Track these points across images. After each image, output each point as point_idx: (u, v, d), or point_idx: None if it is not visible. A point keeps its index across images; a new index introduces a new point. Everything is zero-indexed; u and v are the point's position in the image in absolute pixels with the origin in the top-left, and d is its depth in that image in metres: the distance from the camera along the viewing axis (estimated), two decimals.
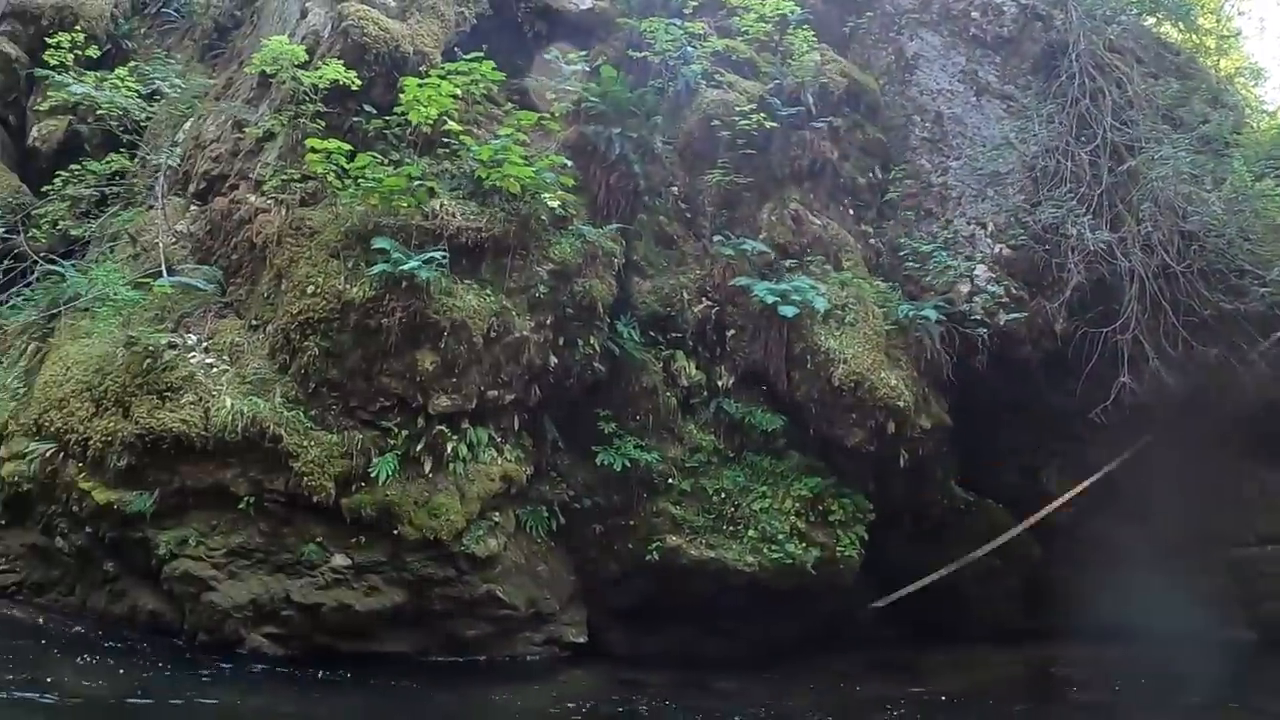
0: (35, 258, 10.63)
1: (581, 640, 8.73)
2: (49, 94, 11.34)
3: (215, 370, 8.32)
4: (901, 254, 10.14)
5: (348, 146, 8.46)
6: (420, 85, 8.59)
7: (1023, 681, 9.49)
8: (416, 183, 8.32)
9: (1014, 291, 9.96)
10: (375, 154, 8.54)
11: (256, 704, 7.06)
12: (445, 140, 8.69)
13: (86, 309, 9.09)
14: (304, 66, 9.04)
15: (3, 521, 8.89)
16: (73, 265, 9.95)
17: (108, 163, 10.58)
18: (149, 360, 8.16)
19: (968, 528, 10.36)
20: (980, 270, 9.93)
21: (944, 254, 9.91)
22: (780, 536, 8.63)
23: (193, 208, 9.69)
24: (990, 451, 10.63)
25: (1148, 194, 10.06)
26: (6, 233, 11.14)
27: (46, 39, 11.67)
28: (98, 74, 10.88)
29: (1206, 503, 10.57)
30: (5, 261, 11.13)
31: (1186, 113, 11.24)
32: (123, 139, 10.69)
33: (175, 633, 8.18)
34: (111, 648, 7.80)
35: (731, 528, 8.68)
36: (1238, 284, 10.10)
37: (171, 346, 8.34)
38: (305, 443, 7.87)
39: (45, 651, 7.61)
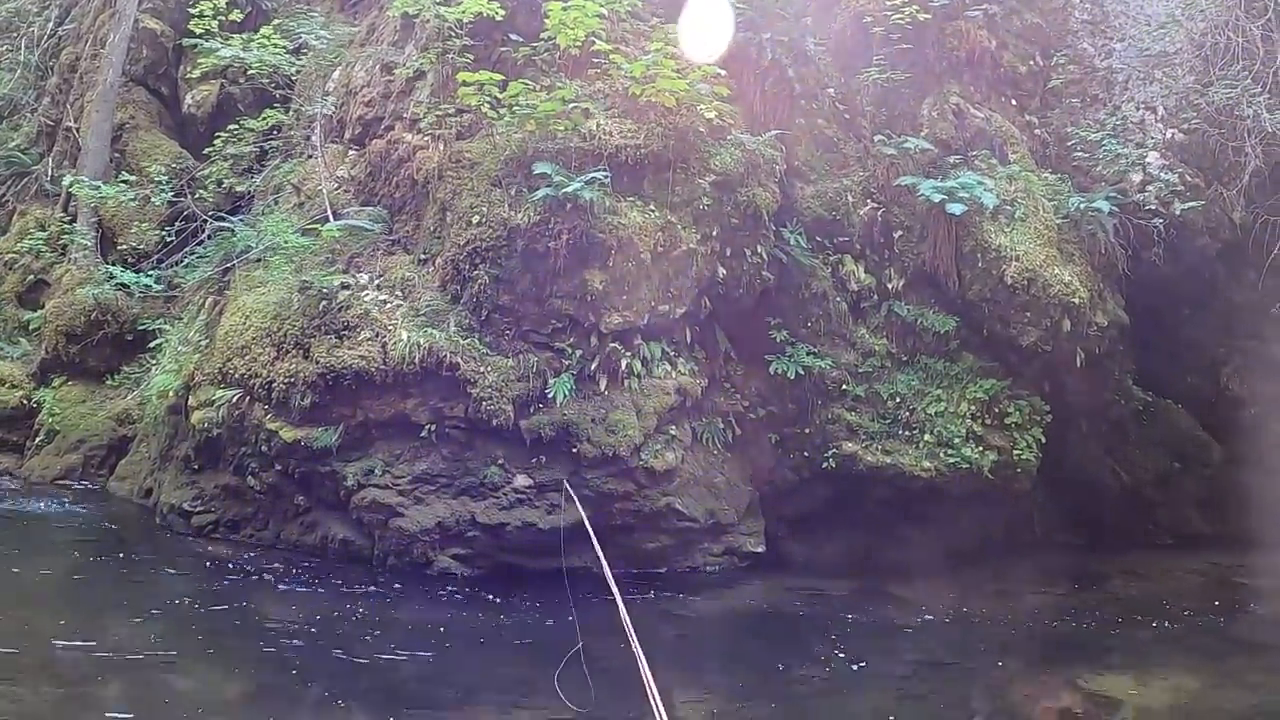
0: (204, 217, 11.22)
1: (760, 550, 8.79)
2: (198, 61, 11.80)
3: (389, 306, 8.59)
4: (1069, 144, 9.67)
5: (499, 76, 8.50)
6: (564, 8, 8.53)
7: (1203, 590, 9.09)
8: (571, 105, 8.32)
9: (1189, 179, 9.45)
10: (526, 81, 8.55)
11: (448, 619, 7.37)
12: (595, 61, 8.64)
13: (258, 260, 9.48)
14: (445, 3, 9.12)
15: (196, 466, 9.48)
16: (241, 220, 10.43)
17: (263, 119, 10.97)
18: (324, 302, 8.49)
19: (1146, 430, 9.99)
20: (1152, 157, 9.41)
21: (1113, 142, 9.42)
22: (956, 440, 8.50)
23: (351, 152, 9.97)
24: (1168, 350, 10.17)
25: None
26: (175, 196, 11.81)
27: (189, 10, 12.09)
28: (243, 36, 11.25)
29: None
30: (176, 223, 11.85)
31: None
32: (275, 95, 11.06)
33: (366, 559, 8.60)
34: (306, 576, 8.25)
35: (907, 432, 8.59)
36: None
37: (344, 287, 8.66)
38: (482, 368, 8.08)
39: (246, 583, 8.07)
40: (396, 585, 8.06)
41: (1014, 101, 9.95)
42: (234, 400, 8.71)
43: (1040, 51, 10.21)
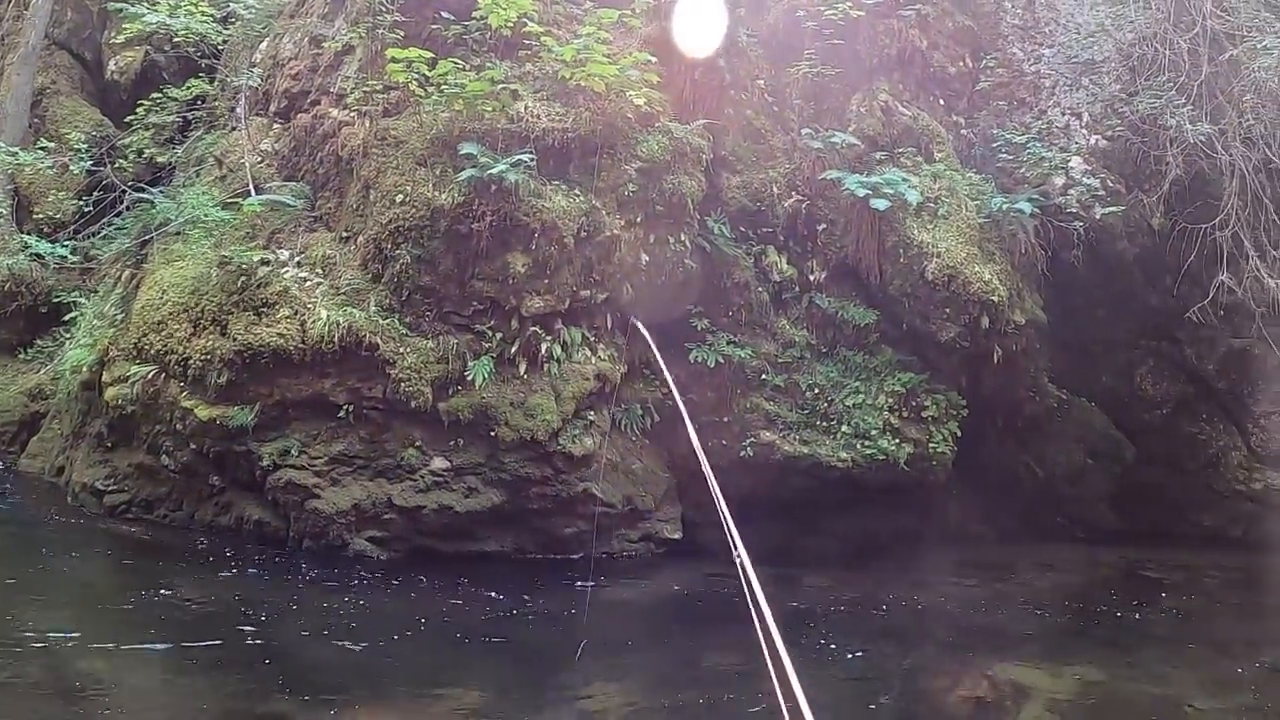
0: (124, 187, 10.89)
1: (677, 537, 8.82)
2: (123, 26, 11.46)
3: (309, 283, 8.42)
4: (994, 145, 9.83)
5: (428, 54, 8.37)
6: None
7: (1112, 583, 9.30)
8: (500, 86, 8.25)
9: (1110, 184, 9.65)
10: (456, 60, 8.43)
11: (364, 603, 7.23)
12: (526, 42, 8.57)
13: (178, 233, 9.24)
14: None
15: (109, 444, 9.22)
16: (161, 192, 10.15)
17: (188, 88, 10.71)
18: (243, 278, 8.30)
19: (1061, 426, 10.22)
20: (1075, 162, 9.61)
21: (1038, 145, 9.59)
22: (873, 432, 8.60)
23: (275, 126, 9.77)
24: (1084, 349, 10.40)
25: (1250, 85, 9.54)
26: (94, 165, 11.45)
27: None
28: (170, 2, 10.94)
29: None
30: (94, 193, 11.49)
31: None
32: (201, 64, 10.81)
33: (281, 541, 8.44)
34: (220, 558, 8.06)
35: (825, 423, 8.66)
36: None
37: (264, 263, 8.46)
38: (401, 349, 7.98)
39: (160, 565, 7.86)
40: (312, 567, 7.91)
41: (942, 101, 10.08)
42: (149, 377, 8.47)
43: (970, 53, 10.37)
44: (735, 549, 3.72)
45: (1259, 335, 9.86)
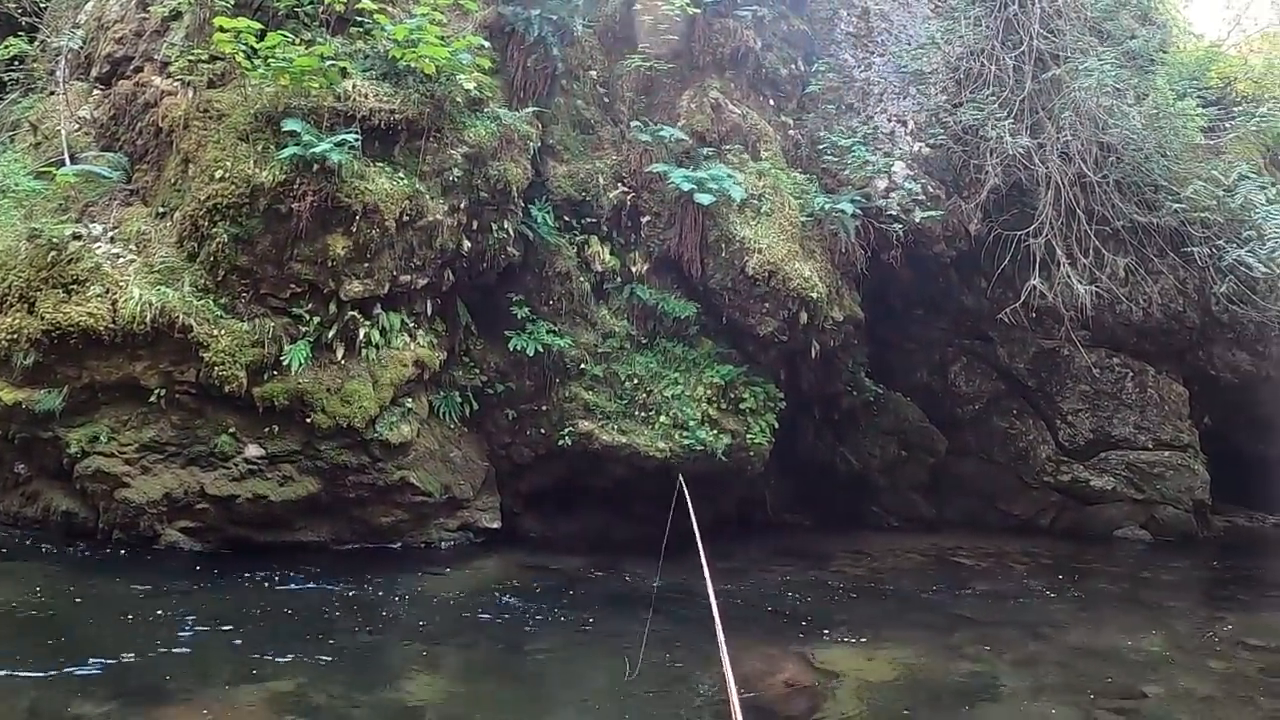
0: None
1: (495, 525, 8.87)
2: None
3: (122, 260, 8.13)
4: (820, 147, 10.13)
5: (257, 25, 8.15)
6: None
7: (925, 570, 9.70)
8: (329, 63, 8.08)
9: (931, 190, 10.09)
10: (286, 33, 8.22)
11: (175, 596, 7.01)
12: (359, 19, 8.44)
13: None
14: None
15: None
16: None
17: (5, 47, 10.10)
18: (53, 253, 7.96)
19: (876, 419, 10.72)
20: (898, 167, 10.01)
21: (863, 149, 9.95)
22: (692, 423, 8.80)
23: (96, 92, 9.35)
24: (901, 346, 10.91)
25: (1069, 103, 10.12)
26: None
27: None
28: None
29: (1108, 407, 11.04)
30: None
31: (1114, 27, 11.31)
32: (21, 22, 10.24)
33: (90, 533, 8.14)
34: (25, 551, 7.74)
35: (644, 413, 8.82)
36: (1152, 198, 10.43)
37: (76, 237, 8.13)
38: (216, 332, 7.79)
39: None
40: (122, 560, 7.65)
41: (772, 101, 10.32)
42: None
43: (803, 57, 10.64)
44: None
45: (1067, 337, 10.51)
